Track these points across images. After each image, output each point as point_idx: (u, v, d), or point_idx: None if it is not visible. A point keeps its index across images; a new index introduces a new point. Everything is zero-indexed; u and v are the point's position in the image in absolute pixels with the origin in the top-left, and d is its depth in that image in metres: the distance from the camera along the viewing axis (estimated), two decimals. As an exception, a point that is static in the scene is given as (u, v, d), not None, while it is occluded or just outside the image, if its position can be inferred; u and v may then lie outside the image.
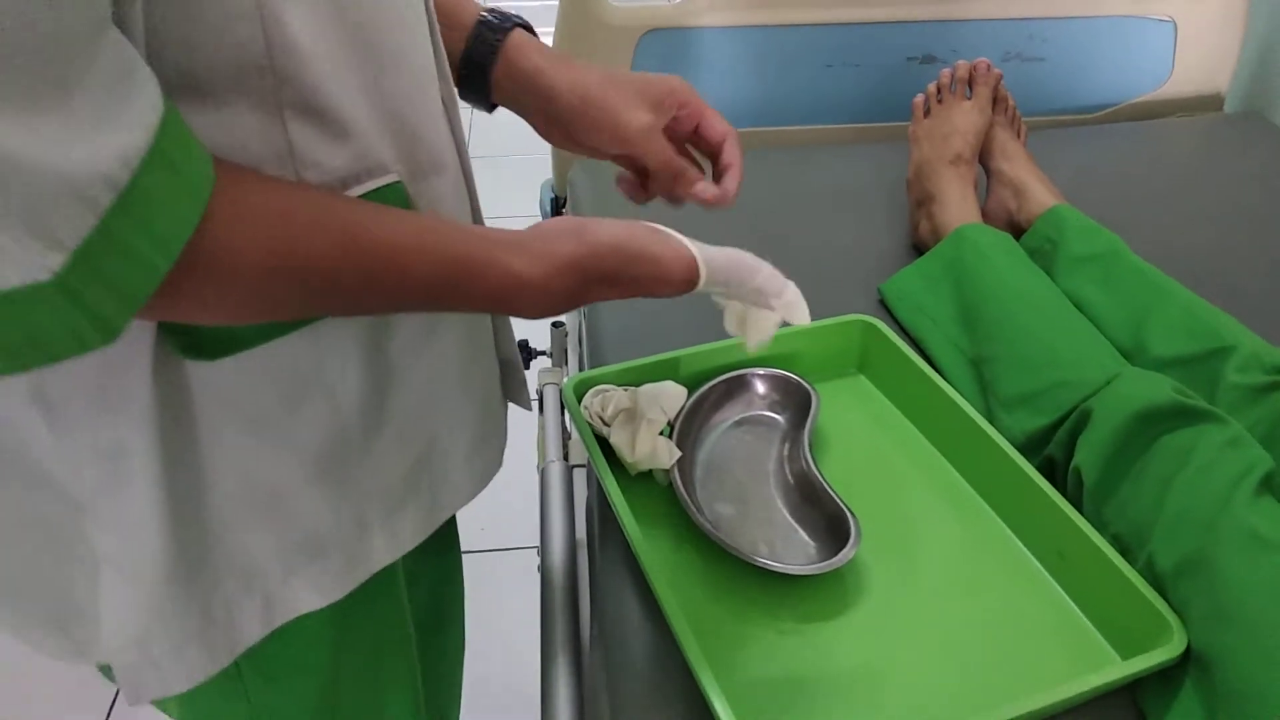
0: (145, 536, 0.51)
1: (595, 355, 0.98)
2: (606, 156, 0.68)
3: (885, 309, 1.04)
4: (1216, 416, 0.74)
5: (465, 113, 0.65)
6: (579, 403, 0.85)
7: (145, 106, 0.38)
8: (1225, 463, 0.70)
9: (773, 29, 1.34)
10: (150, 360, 0.47)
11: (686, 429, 0.84)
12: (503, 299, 0.52)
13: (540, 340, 1.35)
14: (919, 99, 1.17)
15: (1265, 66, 1.52)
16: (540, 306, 0.53)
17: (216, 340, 0.49)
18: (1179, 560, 0.67)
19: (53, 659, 0.57)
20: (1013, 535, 0.78)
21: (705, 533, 0.74)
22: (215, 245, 0.41)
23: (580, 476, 0.97)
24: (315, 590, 0.61)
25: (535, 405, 1.10)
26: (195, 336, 0.48)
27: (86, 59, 0.35)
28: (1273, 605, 0.62)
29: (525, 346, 1.26)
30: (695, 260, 0.56)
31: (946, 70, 1.17)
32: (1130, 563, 0.70)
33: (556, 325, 1.34)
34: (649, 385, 0.85)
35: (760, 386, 0.89)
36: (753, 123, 1.41)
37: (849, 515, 0.74)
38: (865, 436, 0.88)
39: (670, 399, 0.83)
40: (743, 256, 0.60)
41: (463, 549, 0.89)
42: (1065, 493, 0.78)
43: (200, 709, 0.63)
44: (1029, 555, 0.77)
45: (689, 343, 0.89)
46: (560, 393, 0.99)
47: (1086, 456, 0.77)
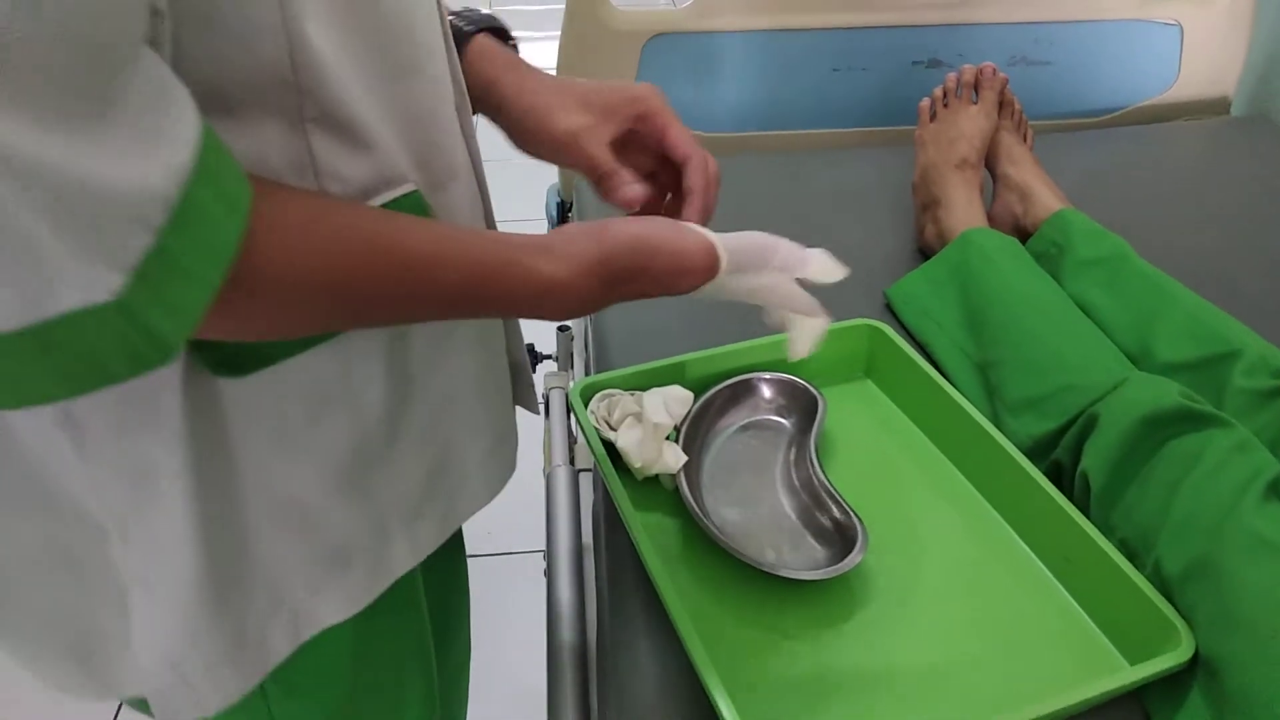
0: (177, 556, 0.51)
1: (601, 359, 0.98)
2: (566, 165, 0.66)
3: (891, 313, 1.04)
4: (1224, 421, 0.74)
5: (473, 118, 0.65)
6: (585, 407, 0.85)
7: (186, 123, 0.38)
8: (1232, 467, 0.70)
9: (778, 33, 1.34)
10: (181, 378, 0.47)
11: (693, 433, 0.84)
12: (531, 302, 0.52)
13: (546, 344, 1.35)
14: (925, 103, 1.17)
15: (1272, 70, 1.51)
16: (567, 307, 0.53)
17: (246, 356, 0.49)
18: (1186, 565, 0.67)
19: (73, 697, 0.57)
20: (1019, 540, 0.78)
21: (712, 537, 0.74)
22: (258, 259, 0.41)
23: (586, 481, 0.97)
24: (341, 601, 0.61)
25: (541, 409, 1.10)
26: (225, 353, 0.48)
27: (129, 76, 0.35)
28: (1280, 610, 0.62)
29: (531, 350, 1.26)
30: (714, 246, 0.56)
31: (952, 74, 1.17)
32: (1137, 568, 0.70)
33: (563, 329, 1.34)
34: (655, 389, 0.85)
35: (766, 391, 0.89)
36: (758, 126, 1.41)
37: (856, 520, 0.74)
38: (872, 441, 0.88)
39: (677, 403, 0.83)
40: (760, 236, 0.59)
41: (470, 553, 0.89)
42: (1072, 497, 0.78)
43: None
44: (1036, 560, 0.76)
45: (695, 347, 0.90)
46: (566, 397, 0.99)
47: (1093, 461, 0.77)
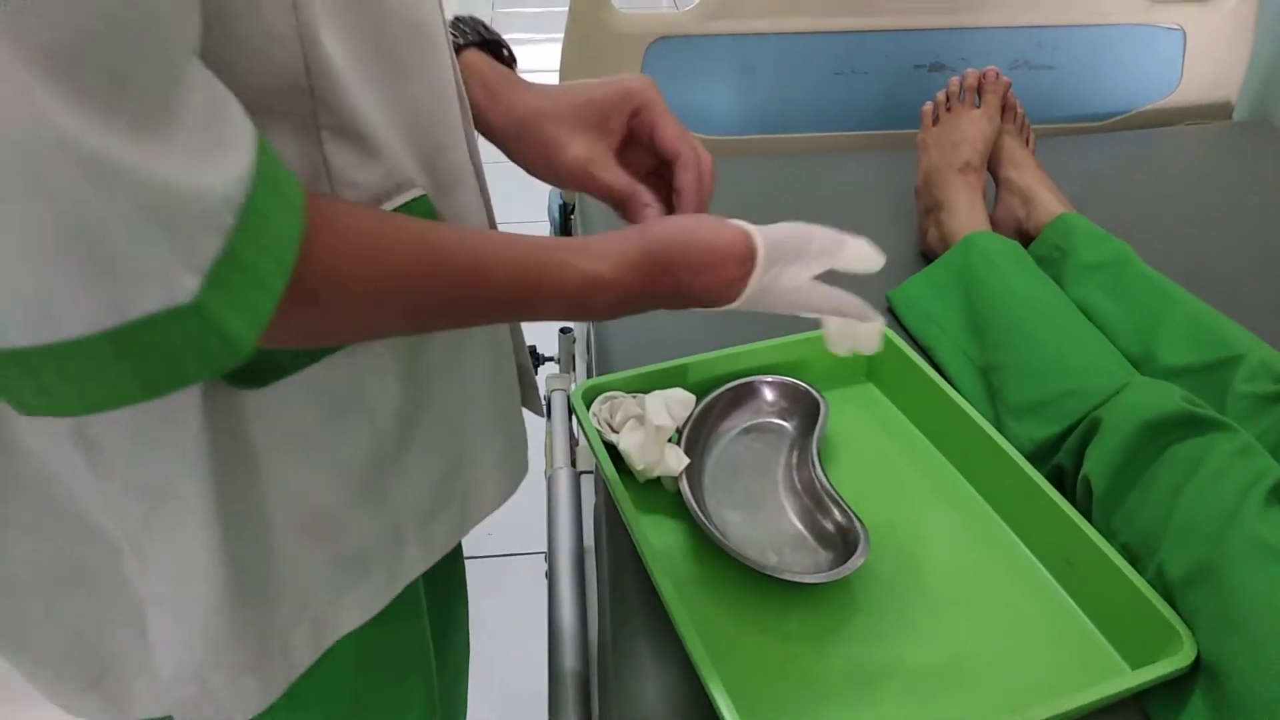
0: (199, 570, 0.51)
1: (603, 362, 0.98)
2: (579, 190, 0.65)
3: (893, 316, 1.04)
4: (1226, 425, 0.74)
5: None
6: (587, 409, 0.85)
7: (242, 129, 0.38)
8: (1235, 472, 0.70)
9: (781, 36, 1.34)
10: (201, 392, 0.47)
11: (695, 436, 0.84)
12: (576, 299, 0.52)
13: (548, 347, 1.35)
14: (928, 106, 1.17)
15: (1274, 74, 1.51)
16: (613, 303, 0.53)
17: (265, 366, 0.49)
18: (1188, 569, 0.67)
19: None
20: (1021, 544, 0.78)
21: (713, 540, 0.74)
22: (317, 265, 0.41)
23: (588, 483, 0.97)
24: (359, 607, 0.61)
25: (543, 411, 1.10)
26: (247, 365, 0.48)
27: (187, 84, 0.36)
28: (1283, 615, 0.62)
29: (533, 353, 1.26)
30: (750, 234, 0.56)
31: (955, 78, 1.17)
32: (1139, 572, 0.70)
33: (564, 332, 1.35)
34: (657, 392, 0.85)
35: (768, 394, 0.89)
36: (761, 130, 1.41)
37: (857, 523, 0.74)
38: (873, 444, 0.88)
39: (678, 406, 0.83)
40: (796, 225, 0.59)
41: (471, 555, 0.89)
42: (1074, 501, 0.78)
43: None
44: (1037, 564, 0.76)
45: (697, 350, 0.90)
46: (568, 399, 0.99)
47: (1095, 465, 0.77)
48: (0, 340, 0.34)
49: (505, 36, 0.66)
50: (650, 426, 0.80)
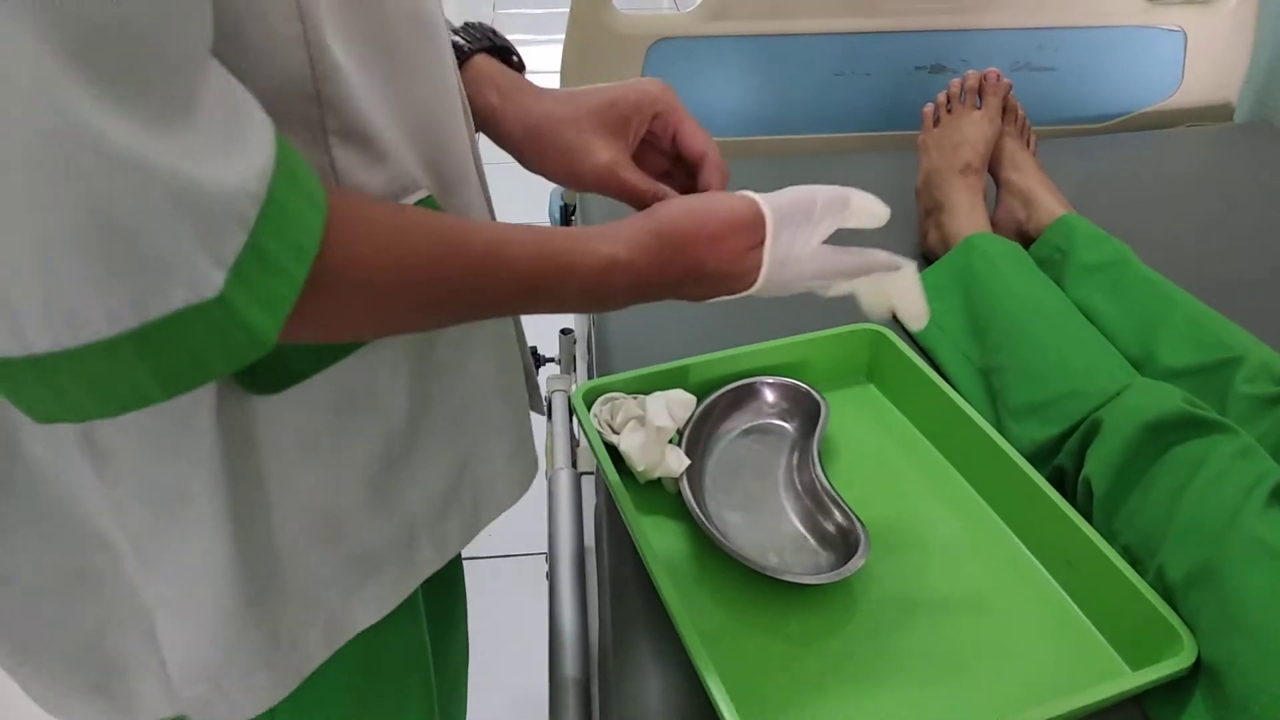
0: (209, 574, 0.51)
1: (604, 363, 0.98)
2: (598, 192, 0.65)
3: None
4: (1227, 427, 0.74)
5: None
6: (588, 410, 0.85)
7: (261, 126, 0.38)
8: (1235, 473, 0.70)
9: (782, 38, 1.34)
10: (214, 400, 0.47)
11: (695, 437, 0.84)
12: (595, 285, 0.52)
13: (549, 347, 1.35)
14: (928, 108, 1.18)
15: (1275, 76, 1.51)
16: (629, 286, 0.54)
17: (281, 372, 0.49)
18: (1189, 570, 0.67)
19: None
20: (1021, 545, 0.78)
21: (714, 541, 0.74)
22: (337, 256, 0.42)
23: (589, 484, 0.97)
24: (372, 605, 0.61)
25: (544, 411, 1.10)
26: (261, 371, 0.48)
27: (206, 82, 0.36)
28: (1283, 617, 0.62)
29: (534, 353, 1.26)
30: (756, 202, 0.56)
31: (956, 80, 1.17)
32: (1140, 573, 0.70)
33: (565, 332, 1.35)
34: (658, 393, 0.85)
35: (769, 395, 0.89)
36: (762, 131, 1.41)
37: (858, 524, 0.74)
38: (874, 445, 0.88)
39: (679, 407, 0.83)
40: (798, 187, 0.59)
41: (471, 555, 0.89)
42: (1075, 503, 0.78)
43: None
44: (1038, 565, 0.76)
45: (698, 351, 0.90)
46: (569, 400, 0.99)
47: (1096, 467, 0.77)
48: (19, 347, 0.34)
49: (506, 38, 0.66)
50: (651, 427, 0.80)
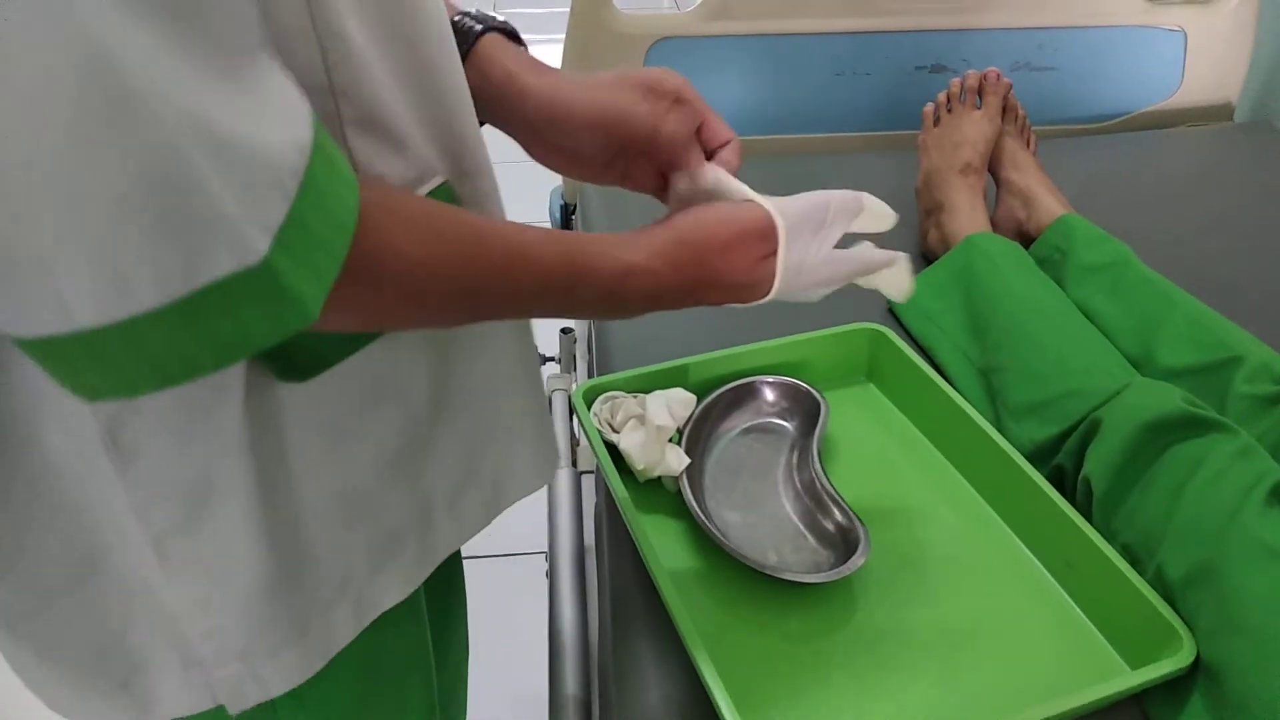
0: (239, 564, 0.51)
1: (604, 362, 0.98)
2: (589, 171, 0.65)
3: (894, 317, 1.04)
4: (1226, 427, 0.74)
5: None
6: (588, 409, 0.85)
7: (299, 99, 0.39)
8: (1235, 473, 0.70)
9: (783, 37, 1.34)
10: (242, 390, 0.47)
11: (695, 436, 0.84)
12: (613, 291, 0.53)
13: (549, 347, 1.35)
14: (929, 108, 1.18)
15: (1275, 76, 1.52)
16: (646, 292, 0.55)
17: (310, 359, 0.50)
18: (1188, 570, 0.67)
19: None
20: (1021, 544, 0.78)
21: (714, 540, 0.74)
22: (375, 242, 0.42)
23: (589, 483, 0.98)
24: (396, 583, 0.61)
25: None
26: (292, 358, 0.48)
27: (259, 50, 0.36)
28: (1282, 616, 0.62)
29: (534, 352, 1.26)
30: (768, 209, 0.57)
31: (956, 79, 1.17)
32: (1139, 573, 0.70)
33: (565, 331, 1.35)
34: (658, 392, 0.85)
35: (769, 394, 0.89)
36: (762, 131, 1.41)
37: (858, 523, 0.74)
38: (874, 445, 0.88)
39: (679, 406, 0.84)
40: (813, 194, 0.60)
41: (471, 554, 0.89)
42: (1074, 502, 0.78)
43: None
44: (1038, 564, 0.77)
45: (698, 350, 0.90)
46: (569, 399, 0.99)
47: (1096, 466, 0.77)
48: (66, 324, 0.34)
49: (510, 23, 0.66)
50: (651, 426, 0.80)
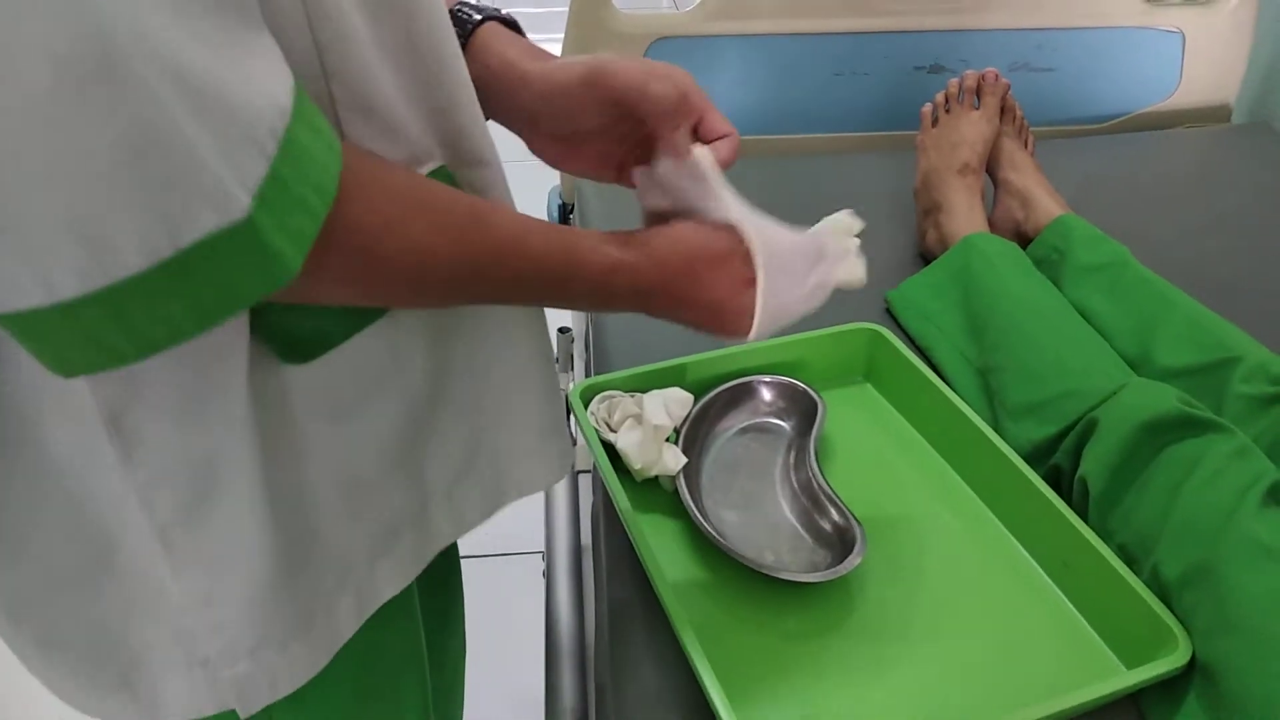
0: (244, 551, 0.51)
1: (601, 361, 0.98)
2: (588, 161, 0.64)
3: (892, 317, 1.04)
4: (1223, 427, 0.74)
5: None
6: (585, 409, 0.85)
7: (281, 64, 0.39)
8: (1231, 473, 0.70)
9: (781, 37, 1.34)
10: (245, 373, 0.47)
11: (692, 435, 0.84)
12: (600, 285, 0.54)
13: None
14: (927, 108, 1.18)
15: (1273, 78, 1.52)
16: (632, 291, 0.55)
17: (312, 340, 0.50)
18: (1184, 570, 0.67)
19: None
20: (1018, 544, 0.78)
21: (711, 539, 0.74)
22: (367, 211, 0.43)
23: (586, 482, 0.98)
24: (395, 574, 0.61)
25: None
26: (293, 339, 0.49)
27: (242, 10, 0.37)
28: (1278, 615, 0.62)
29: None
30: (749, 251, 0.58)
31: (954, 80, 1.17)
32: (1135, 572, 0.70)
33: (563, 331, 1.35)
34: (655, 391, 0.85)
35: (766, 394, 0.89)
36: (761, 130, 1.41)
37: (854, 523, 0.74)
38: (871, 444, 0.89)
39: (677, 405, 0.84)
40: (806, 245, 0.62)
41: (468, 554, 0.89)
42: (1071, 502, 0.78)
43: None
44: (1034, 564, 0.77)
45: (695, 349, 0.90)
46: (566, 399, 0.99)
47: (1092, 466, 0.77)
48: (48, 296, 0.34)
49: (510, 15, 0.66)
50: (648, 426, 0.80)
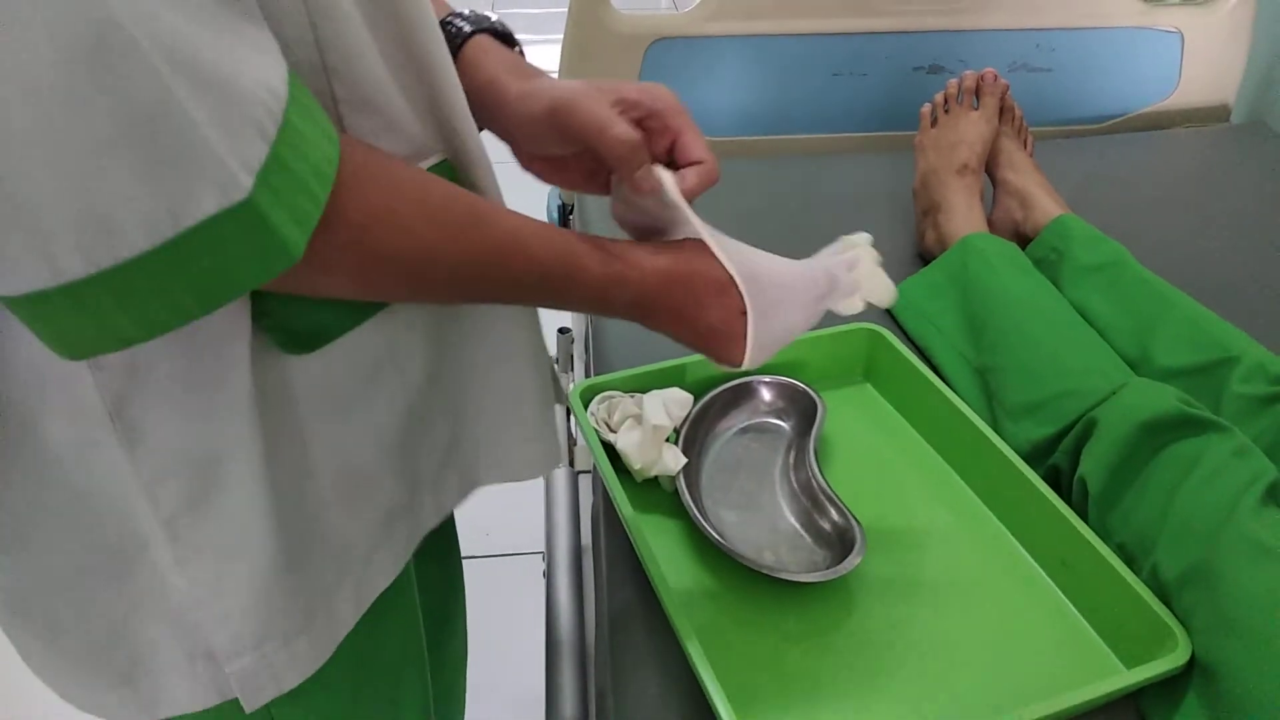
0: (248, 543, 0.51)
1: (601, 362, 0.99)
2: (572, 178, 0.64)
3: (891, 317, 1.05)
4: (1222, 426, 0.75)
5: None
6: (585, 409, 0.85)
7: (277, 55, 0.39)
8: (1230, 472, 0.70)
9: (780, 38, 1.35)
10: (249, 364, 0.47)
11: (692, 435, 0.84)
12: (598, 296, 0.55)
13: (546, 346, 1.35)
14: (926, 108, 1.18)
15: (1271, 77, 1.52)
16: (630, 305, 0.56)
17: (315, 331, 0.50)
18: (1183, 569, 0.67)
19: None
20: (1017, 544, 0.78)
21: (710, 539, 0.74)
22: (368, 201, 0.43)
23: (586, 482, 0.98)
24: (388, 564, 0.61)
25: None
26: (294, 330, 0.49)
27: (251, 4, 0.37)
28: (1277, 615, 0.62)
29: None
30: (737, 290, 0.59)
31: (953, 80, 1.17)
32: (1135, 572, 0.70)
33: (563, 331, 1.35)
34: (655, 392, 0.85)
35: (766, 394, 0.89)
36: (760, 131, 1.41)
37: (854, 523, 0.74)
38: (870, 444, 0.89)
39: (676, 405, 0.84)
40: (796, 276, 0.63)
41: (469, 554, 0.89)
42: (1070, 502, 0.78)
43: None
44: (1033, 564, 0.77)
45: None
46: (566, 399, 0.99)
47: (1091, 466, 0.77)
48: (53, 277, 0.34)
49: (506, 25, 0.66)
50: (648, 426, 0.80)
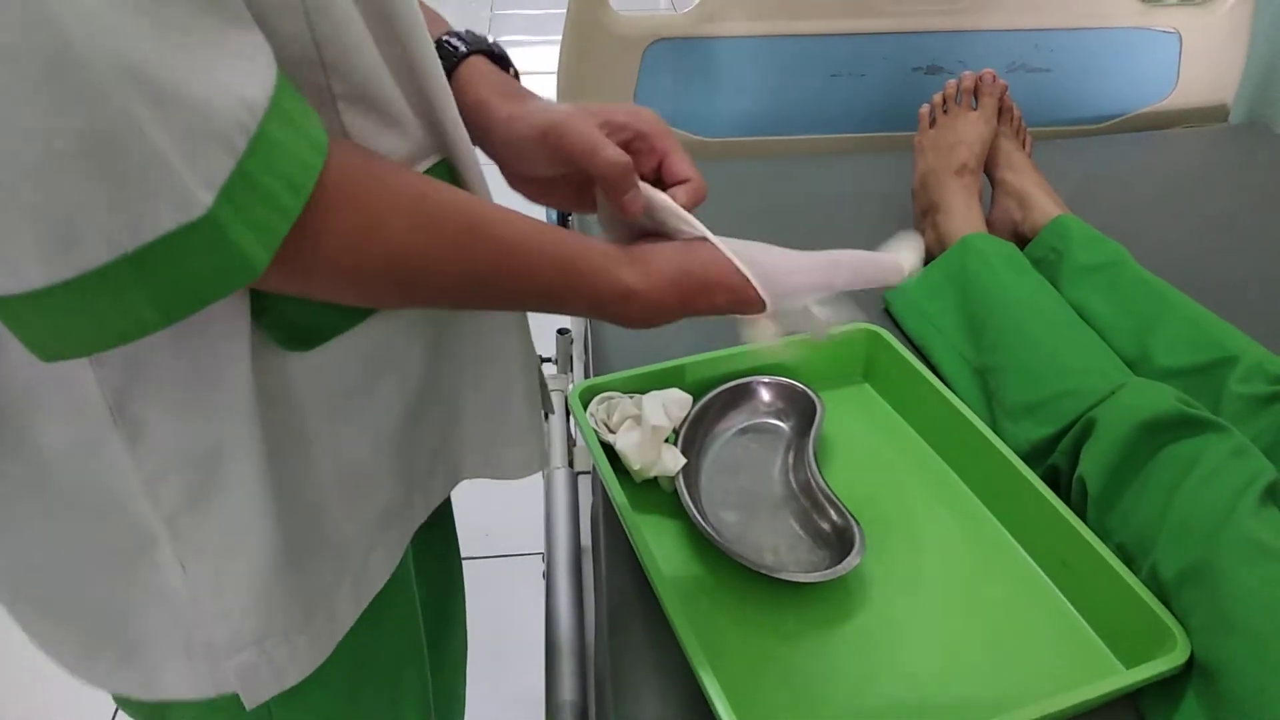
0: (249, 540, 0.51)
1: (600, 362, 0.99)
2: (562, 199, 0.64)
3: (890, 318, 1.05)
4: (1220, 426, 0.75)
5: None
6: (584, 410, 0.85)
7: (264, 62, 0.39)
8: (1229, 472, 0.70)
9: (779, 39, 1.35)
10: (249, 359, 0.47)
11: (691, 436, 0.84)
12: (612, 305, 0.54)
13: (546, 347, 1.35)
14: (924, 109, 1.18)
15: (1270, 78, 1.52)
16: (645, 316, 0.55)
17: (315, 329, 0.50)
18: (1182, 569, 0.67)
19: (127, 694, 0.57)
20: (1017, 544, 0.78)
21: (710, 540, 0.74)
22: (361, 210, 0.43)
23: (585, 483, 0.98)
24: (386, 562, 0.61)
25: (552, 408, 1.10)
26: (295, 327, 0.49)
27: (220, 8, 0.37)
28: (1276, 614, 0.62)
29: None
30: (758, 294, 0.58)
31: (952, 80, 1.17)
32: (1134, 572, 0.70)
33: (562, 332, 1.35)
34: (654, 392, 0.85)
35: (765, 394, 0.89)
36: (758, 131, 1.41)
37: (853, 523, 0.74)
38: (870, 445, 0.89)
39: (675, 406, 0.84)
40: (819, 265, 0.62)
41: (468, 555, 0.89)
42: (1069, 502, 0.78)
43: None
44: (1033, 564, 0.77)
45: (694, 350, 0.90)
46: (566, 400, 0.99)
47: (1091, 466, 0.77)
48: (16, 284, 0.35)
49: (503, 38, 0.66)
50: (647, 427, 0.80)
